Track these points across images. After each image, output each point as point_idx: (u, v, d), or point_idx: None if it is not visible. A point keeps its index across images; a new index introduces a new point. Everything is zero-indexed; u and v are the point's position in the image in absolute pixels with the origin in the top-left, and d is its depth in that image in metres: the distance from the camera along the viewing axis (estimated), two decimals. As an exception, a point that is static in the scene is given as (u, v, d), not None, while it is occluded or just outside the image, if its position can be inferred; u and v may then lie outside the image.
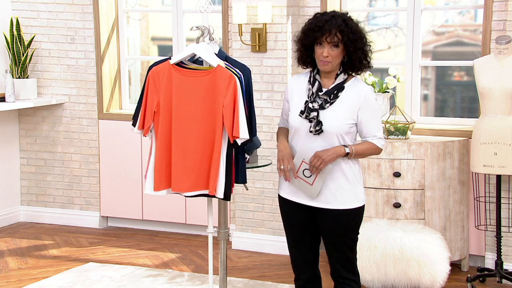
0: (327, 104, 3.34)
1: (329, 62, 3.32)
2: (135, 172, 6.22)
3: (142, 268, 5.24)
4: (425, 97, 5.63)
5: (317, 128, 3.31)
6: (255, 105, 4.72)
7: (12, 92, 6.10)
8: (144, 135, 3.81)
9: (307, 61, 3.43)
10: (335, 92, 3.35)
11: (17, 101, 6.16)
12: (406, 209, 4.95)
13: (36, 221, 6.58)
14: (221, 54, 3.86)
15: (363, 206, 3.43)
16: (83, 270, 5.19)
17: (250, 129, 3.66)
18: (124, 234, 6.19)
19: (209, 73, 3.69)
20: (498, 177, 4.87)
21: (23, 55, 6.22)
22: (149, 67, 3.81)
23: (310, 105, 3.34)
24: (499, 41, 4.74)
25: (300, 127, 3.37)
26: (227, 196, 3.72)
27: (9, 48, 6.23)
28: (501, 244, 4.89)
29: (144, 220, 6.32)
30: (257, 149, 4.05)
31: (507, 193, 5.02)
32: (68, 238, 6.07)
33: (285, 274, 5.08)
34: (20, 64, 6.22)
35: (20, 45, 6.21)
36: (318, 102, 3.35)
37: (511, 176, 5.00)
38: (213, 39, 3.93)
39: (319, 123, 3.32)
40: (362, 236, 4.62)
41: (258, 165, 4.08)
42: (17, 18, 6.26)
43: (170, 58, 3.78)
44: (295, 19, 5.48)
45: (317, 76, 3.40)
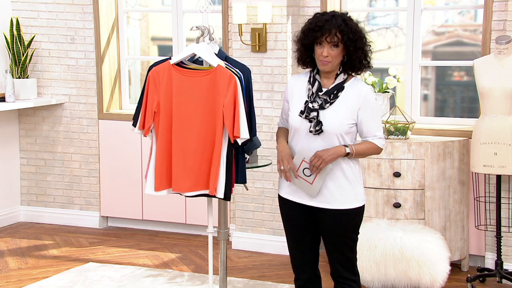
0: (327, 104, 3.34)
1: (329, 62, 3.32)
2: (135, 172, 6.22)
3: (142, 268, 5.23)
4: (425, 97, 5.63)
5: (317, 128, 3.31)
6: (255, 105, 4.73)
7: (12, 92, 6.10)
8: (145, 135, 3.81)
9: (307, 61, 3.43)
10: (335, 92, 3.35)
11: (17, 101, 6.16)
12: (406, 209, 4.95)
13: (36, 221, 6.58)
14: (221, 54, 3.86)
15: (363, 206, 3.43)
16: (83, 270, 5.19)
17: (250, 129, 3.66)
18: (124, 234, 6.19)
19: (209, 73, 3.69)
20: (498, 177, 4.87)
21: (23, 55, 6.22)
22: (149, 67, 3.81)
23: (310, 105, 3.34)
24: (499, 41, 4.74)
25: (300, 127, 3.37)
26: (227, 196, 3.72)
27: (9, 48, 6.23)
28: (501, 244, 4.89)
29: (144, 220, 6.32)
30: (257, 149, 4.05)
31: (507, 193, 5.02)
32: (68, 238, 6.07)
33: (285, 274, 5.08)
34: (20, 64, 6.22)
35: (20, 45, 6.20)
36: (318, 102, 3.35)
37: (511, 176, 5.00)
38: (213, 39, 3.93)
39: (319, 123, 3.31)
40: (362, 236, 4.62)
41: (258, 165, 4.08)
42: (17, 18, 6.25)
43: (170, 58, 3.77)
44: (295, 19, 5.48)
45: (317, 76, 3.40)
